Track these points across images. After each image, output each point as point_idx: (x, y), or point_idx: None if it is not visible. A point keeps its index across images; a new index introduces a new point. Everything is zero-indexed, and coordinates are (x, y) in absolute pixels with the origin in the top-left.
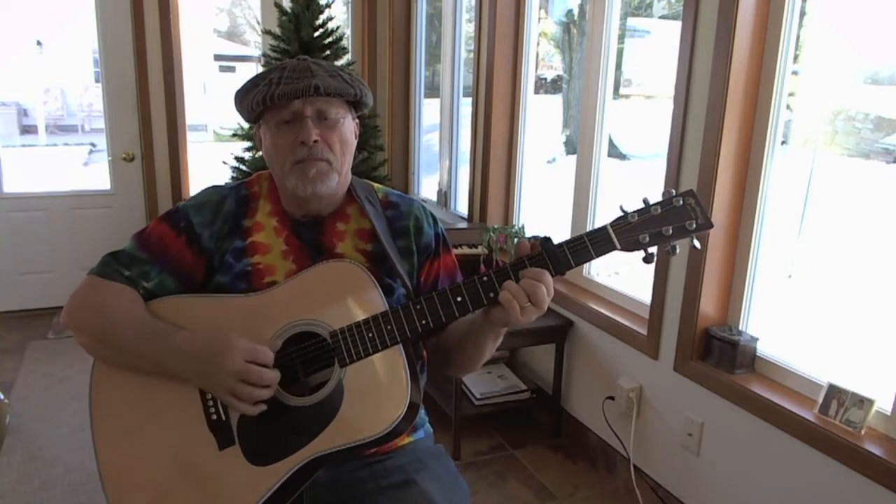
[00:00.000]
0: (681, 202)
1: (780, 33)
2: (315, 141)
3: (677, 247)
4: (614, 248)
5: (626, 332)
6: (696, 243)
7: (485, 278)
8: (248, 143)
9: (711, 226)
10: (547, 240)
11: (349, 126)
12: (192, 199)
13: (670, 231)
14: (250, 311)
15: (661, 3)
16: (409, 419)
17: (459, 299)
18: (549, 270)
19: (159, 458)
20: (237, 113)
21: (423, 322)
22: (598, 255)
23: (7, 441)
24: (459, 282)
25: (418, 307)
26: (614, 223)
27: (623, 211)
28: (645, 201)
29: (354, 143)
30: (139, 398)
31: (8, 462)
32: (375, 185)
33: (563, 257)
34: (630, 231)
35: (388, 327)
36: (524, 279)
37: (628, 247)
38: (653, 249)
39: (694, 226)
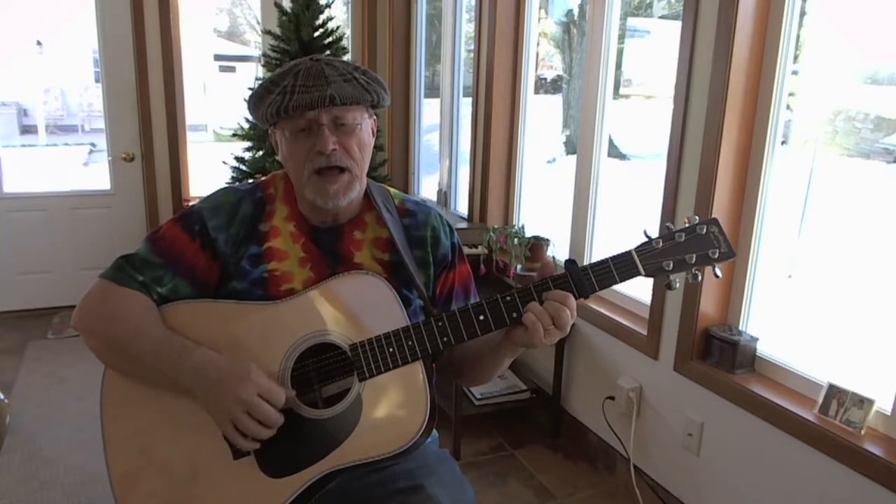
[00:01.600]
0: (704, 230)
1: (780, 33)
2: (333, 150)
3: (699, 274)
4: (638, 274)
5: (626, 332)
6: (718, 271)
7: (508, 298)
8: (248, 143)
9: (734, 255)
10: (571, 262)
11: (367, 129)
12: (207, 202)
13: (693, 259)
14: (269, 320)
15: (661, 3)
16: (427, 433)
17: (482, 318)
18: (572, 293)
19: (172, 464)
20: (252, 118)
21: (445, 339)
22: (623, 279)
23: (7, 441)
24: (482, 300)
25: (440, 324)
26: (639, 248)
27: (647, 236)
28: (668, 228)
29: (372, 143)
30: (152, 402)
31: (8, 462)
32: (391, 190)
33: (588, 281)
34: (654, 257)
35: (409, 343)
36: (548, 301)
37: (652, 273)
38: (675, 276)
39: (717, 254)
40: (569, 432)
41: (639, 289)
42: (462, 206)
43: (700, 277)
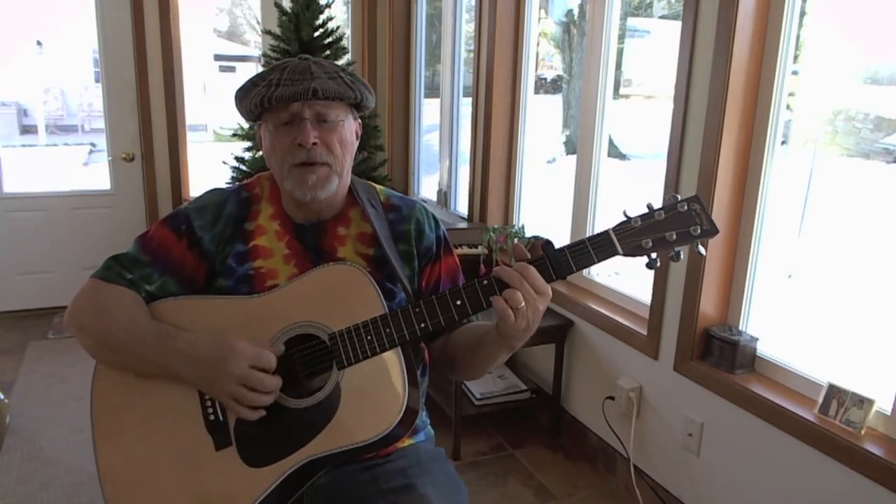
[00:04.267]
0: (685, 207)
1: (780, 33)
2: (314, 143)
3: (681, 252)
4: (616, 253)
5: (626, 332)
6: (702, 249)
7: (485, 282)
8: (248, 143)
9: (717, 231)
10: (548, 244)
11: (350, 127)
12: (194, 203)
13: (674, 236)
14: (251, 312)
15: (661, 3)
16: (407, 424)
17: (459, 303)
18: (550, 275)
19: (157, 457)
20: (237, 112)
21: (423, 325)
22: (600, 259)
23: (7, 441)
24: (459, 285)
25: (417, 310)
26: (617, 228)
27: (626, 216)
28: (649, 206)
29: (355, 143)
30: (139, 398)
31: (8, 462)
32: (377, 186)
33: (565, 261)
34: (633, 236)
35: (387, 330)
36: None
37: (631, 252)
38: (656, 255)
39: (698, 231)
40: (569, 432)
41: (639, 289)
42: (462, 206)
43: (682, 256)
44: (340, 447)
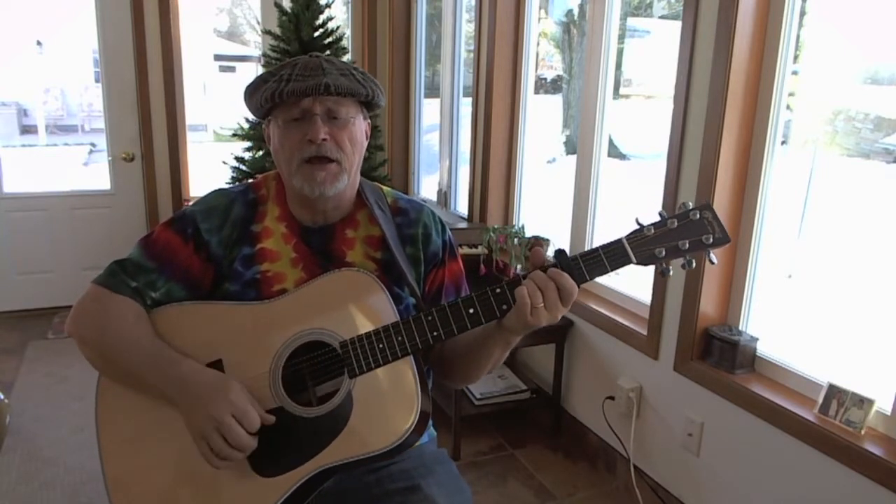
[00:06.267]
0: (698, 216)
1: (780, 33)
2: (324, 139)
3: (693, 261)
4: (630, 262)
5: (626, 332)
6: (713, 258)
7: (498, 290)
8: (248, 143)
9: (728, 240)
10: (561, 252)
11: (360, 126)
12: (200, 205)
13: (687, 245)
14: (260, 319)
15: (661, 3)
16: (420, 430)
17: (472, 311)
18: None
19: (165, 466)
20: (246, 108)
21: (435, 334)
22: (613, 268)
23: (7, 441)
24: (472, 294)
25: (430, 319)
26: (630, 236)
27: (639, 224)
28: (661, 214)
29: (365, 143)
30: (146, 405)
31: (8, 462)
32: (384, 188)
33: (578, 270)
34: (646, 244)
35: (399, 339)
36: (538, 276)
37: (644, 261)
38: (669, 263)
39: (711, 240)
40: (569, 432)
41: (639, 289)
42: (462, 206)
43: (694, 264)
44: (355, 456)
